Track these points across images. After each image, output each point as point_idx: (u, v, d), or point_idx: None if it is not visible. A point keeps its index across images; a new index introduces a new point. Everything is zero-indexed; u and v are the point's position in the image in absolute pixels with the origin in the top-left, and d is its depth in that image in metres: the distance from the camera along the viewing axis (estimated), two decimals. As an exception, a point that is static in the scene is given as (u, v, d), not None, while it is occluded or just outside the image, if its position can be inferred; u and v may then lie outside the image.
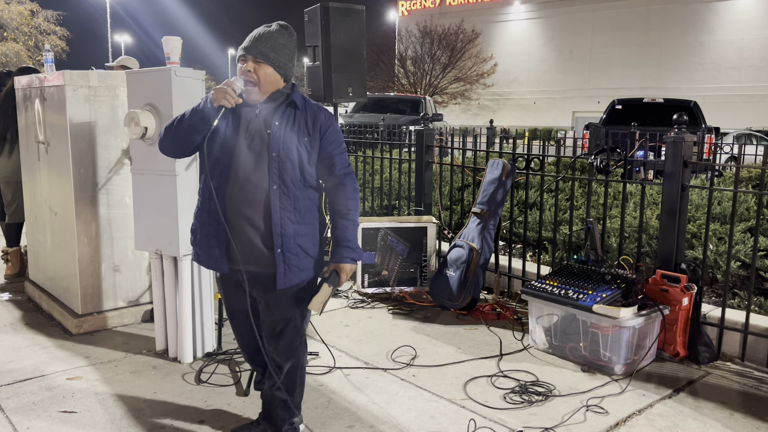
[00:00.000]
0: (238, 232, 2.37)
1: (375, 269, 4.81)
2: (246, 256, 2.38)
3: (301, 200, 2.39)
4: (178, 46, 3.58)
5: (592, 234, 3.91)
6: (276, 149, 2.32)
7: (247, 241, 2.37)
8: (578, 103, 40.88)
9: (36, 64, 36.71)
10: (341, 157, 2.47)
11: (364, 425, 2.87)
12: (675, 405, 3.12)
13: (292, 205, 2.36)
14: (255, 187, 2.34)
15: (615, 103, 12.45)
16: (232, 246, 2.36)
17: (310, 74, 5.12)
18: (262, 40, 2.33)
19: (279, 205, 2.34)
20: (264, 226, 2.35)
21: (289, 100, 2.39)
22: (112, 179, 3.95)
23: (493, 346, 3.83)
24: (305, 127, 2.38)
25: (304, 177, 2.38)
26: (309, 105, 2.45)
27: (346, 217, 2.44)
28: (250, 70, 2.31)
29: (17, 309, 4.44)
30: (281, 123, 2.35)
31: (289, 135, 2.35)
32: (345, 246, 2.42)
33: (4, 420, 2.87)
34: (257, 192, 2.34)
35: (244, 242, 2.37)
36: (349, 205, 2.45)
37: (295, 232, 2.37)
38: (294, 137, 2.35)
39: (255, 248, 2.37)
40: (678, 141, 3.70)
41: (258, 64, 2.32)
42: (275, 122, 2.34)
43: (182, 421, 2.88)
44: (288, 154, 2.34)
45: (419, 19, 44.56)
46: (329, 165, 2.44)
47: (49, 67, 4.25)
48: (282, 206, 2.34)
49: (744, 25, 36.33)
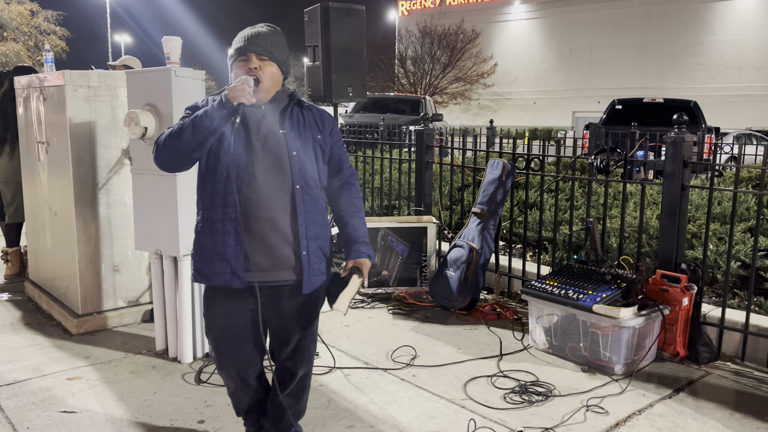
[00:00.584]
0: (258, 238, 2.21)
1: (375, 269, 4.81)
2: (268, 263, 2.23)
3: (319, 201, 2.32)
4: (178, 46, 3.58)
5: (592, 234, 3.91)
6: (295, 148, 2.24)
7: (268, 247, 2.22)
8: (578, 103, 40.86)
9: (36, 64, 36.74)
10: (346, 156, 2.45)
11: (364, 425, 2.87)
12: (675, 405, 3.12)
13: (313, 206, 2.28)
14: (277, 189, 2.22)
15: (615, 103, 12.45)
16: (249, 256, 2.19)
17: (310, 74, 5.12)
18: (262, 38, 2.24)
19: (303, 206, 2.24)
20: (290, 229, 2.23)
21: (296, 100, 2.33)
22: (112, 179, 3.95)
23: (493, 346, 3.83)
24: (316, 126, 2.33)
25: (320, 176, 2.32)
26: (312, 106, 2.40)
27: (356, 215, 2.40)
28: (256, 67, 2.21)
29: (17, 309, 4.44)
30: (293, 122, 2.28)
31: (304, 133, 2.28)
32: (362, 242, 2.37)
33: (4, 420, 2.87)
34: (280, 193, 2.22)
35: (265, 248, 2.22)
36: (358, 204, 2.42)
37: (316, 234, 2.29)
38: (309, 135, 2.29)
39: (278, 253, 2.23)
40: (678, 141, 3.70)
41: (263, 62, 2.23)
42: (286, 121, 2.26)
43: (182, 421, 2.88)
44: (306, 153, 2.27)
45: (419, 19, 44.54)
46: (338, 164, 2.40)
47: (49, 67, 4.25)
48: (306, 208, 2.25)
49: (744, 25, 36.30)
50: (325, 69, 4.91)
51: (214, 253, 2.23)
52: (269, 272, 2.24)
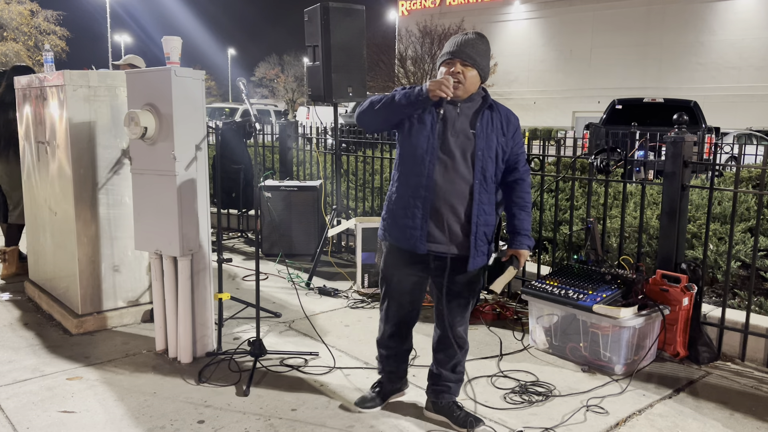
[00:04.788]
0: (439, 217, 2.62)
1: (375, 269, 4.80)
2: (446, 238, 2.63)
3: (491, 194, 2.67)
4: (178, 46, 3.58)
5: (592, 234, 3.91)
6: (481, 148, 2.60)
7: (448, 227, 2.63)
8: (578, 103, 40.83)
9: (36, 64, 36.75)
10: (523, 155, 2.77)
11: (364, 425, 2.86)
12: (675, 405, 3.12)
13: (487, 198, 2.65)
14: (462, 180, 2.61)
15: (615, 103, 12.44)
16: (432, 229, 2.63)
17: (310, 74, 5.12)
18: (468, 45, 2.59)
19: (479, 198, 2.62)
20: (465, 214, 2.63)
21: (488, 104, 2.66)
22: (112, 179, 3.95)
23: (493, 346, 3.83)
24: (501, 129, 2.66)
25: (496, 173, 2.67)
26: (500, 107, 2.71)
27: (524, 209, 2.73)
28: (459, 72, 2.57)
29: (17, 309, 4.44)
30: (483, 124, 2.62)
31: (490, 136, 2.63)
32: (524, 234, 2.72)
33: (4, 420, 2.87)
34: (462, 184, 2.61)
35: (445, 227, 2.63)
36: (527, 198, 2.74)
37: (486, 222, 2.66)
38: (494, 138, 2.64)
39: (454, 233, 2.64)
40: (678, 141, 3.69)
41: (465, 67, 2.58)
42: (478, 123, 2.61)
43: (182, 421, 2.88)
44: (489, 153, 2.62)
45: (419, 19, 44.50)
46: (515, 163, 2.73)
47: (49, 67, 4.25)
48: (480, 199, 2.62)
49: (744, 25, 36.29)
50: (325, 69, 4.91)
51: (404, 224, 2.67)
52: (443, 245, 2.65)
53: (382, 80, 41.78)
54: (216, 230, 3.86)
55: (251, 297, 3.89)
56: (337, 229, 5.15)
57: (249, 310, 4.23)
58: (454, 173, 2.61)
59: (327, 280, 5.24)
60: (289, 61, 65.03)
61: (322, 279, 5.24)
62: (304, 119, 17.70)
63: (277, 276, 5.38)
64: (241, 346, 3.67)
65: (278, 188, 5.92)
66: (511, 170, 2.73)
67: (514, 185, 2.74)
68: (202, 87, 3.44)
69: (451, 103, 2.60)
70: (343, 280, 5.26)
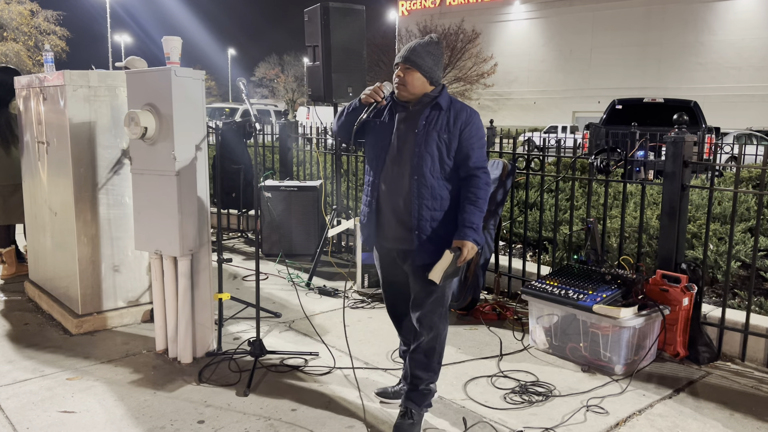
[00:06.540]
0: (387, 216, 2.78)
1: (375, 269, 4.80)
2: (391, 234, 2.78)
3: (440, 190, 2.71)
4: (178, 46, 3.58)
5: (592, 234, 3.91)
6: (418, 144, 2.69)
7: (396, 224, 2.75)
8: (578, 103, 40.85)
9: (36, 64, 36.75)
10: (478, 151, 2.75)
11: (363, 425, 2.86)
12: (675, 405, 3.12)
13: (429, 194, 2.70)
14: (402, 178, 2.72)
15: (615, 103, 12.44)
16: (382, 227, 2.80)
17: (310, 74, 5.12)
18: (413, 50, 2.72)
19: (417, 193, 2.69)
20: (407, 211, 2.72)
21: (434, 103, 2.74)
22: (112, 179, 3.95)
23: (493, 347, 3.83)
24: (446, 126, 2.71)
25: (443, 169, 2.71)
26: (455, 105, 2.76)
27: (474, 204, 2.70)
28: (400, 75, 2.73)
29: (17, 309, 4.44)
30: (425, 122, 2.71)
31: (431, 133, 2.70)
32: (469, 227, 2.69)
33: (4, 420, 2.87)
34: (404, 182, 2.71)
35: (393, 224, 2.76)
36: (478, 194, 2.71)
37: (432, 217, 2.71)
38: (435, 135, 2.69)
39: (401, 229, 2.75)
40: (678, 141, 3.69)
41: (407, 71, 2.71)
42: (421, 122, 2.71)
43: (182, 421, 2.88)
44: (427, 149, 2.69)
45: (419, 19, 44.53)
46: (465, 157, 2.73)
47: (49, 67, 4.25)
48: (420, 194, 2.69)
49: (744, 25, 36.31)
50: (325, 69, 4.91)
51: (365, 221, 2.87)
52: (391, 241, 2.80)
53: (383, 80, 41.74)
54: (216, 230, 3.86)
55: (251, 297, 3.89)
56: (337, 229, 5.15)
57: (249, 310, 4.23)
58: (397, 172, 2.73)
59: (327, 280, 5.24)
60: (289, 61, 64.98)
61: (322, 279, 5.24)
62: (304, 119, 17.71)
63: (277, 276, 5.38)
64: (241, 346, 3.67)
65: (278, 188, 5.92)
66: (461, 166, 2.74)
67: (466, 180, 2.74)
68: (202, 87, 3.44)
69: (403, 106, 2.77)
70: (343, 280, 5.27)
